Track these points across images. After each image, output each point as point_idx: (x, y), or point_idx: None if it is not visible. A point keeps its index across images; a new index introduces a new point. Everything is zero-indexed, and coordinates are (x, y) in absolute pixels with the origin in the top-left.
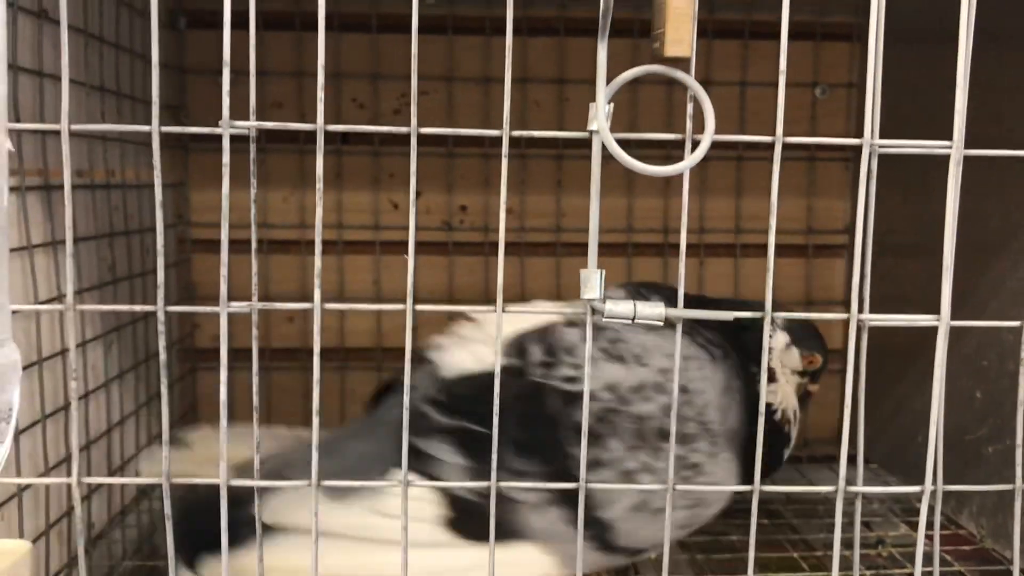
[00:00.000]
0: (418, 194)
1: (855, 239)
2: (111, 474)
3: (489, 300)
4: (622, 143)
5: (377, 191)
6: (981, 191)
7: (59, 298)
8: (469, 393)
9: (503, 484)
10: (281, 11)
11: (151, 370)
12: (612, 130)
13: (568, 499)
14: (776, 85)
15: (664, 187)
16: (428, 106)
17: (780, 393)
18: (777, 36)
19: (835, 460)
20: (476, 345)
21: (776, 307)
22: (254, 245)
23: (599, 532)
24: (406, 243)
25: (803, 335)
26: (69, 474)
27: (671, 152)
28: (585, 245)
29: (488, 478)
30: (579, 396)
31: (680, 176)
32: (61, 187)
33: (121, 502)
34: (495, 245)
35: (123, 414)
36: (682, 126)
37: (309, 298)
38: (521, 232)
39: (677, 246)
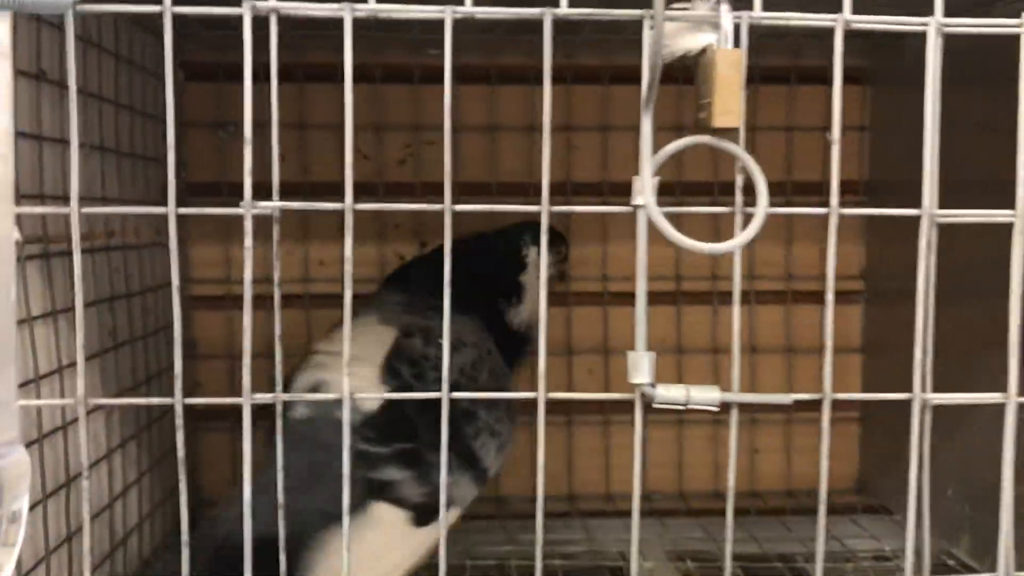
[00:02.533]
0: (423, 244)
1: (917, 312)
2: (113, 546)
3: None
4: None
5: (383, 243)
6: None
7: (59, 370)
8: (387, 421)
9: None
10: (283, 63)
11: (152, 435)
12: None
13: (469, 467)
14: (781, 129)
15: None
16: (434, 156)
17: (527, 309)
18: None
19: (855, 511)
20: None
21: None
22: (278, 330)
23: (480, 474)
24: None
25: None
26: (70, 555)
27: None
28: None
29: (429, 482)
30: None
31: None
32: (61, 254)
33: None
34: None
35: (125, 483)
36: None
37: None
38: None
39: (692, 293)
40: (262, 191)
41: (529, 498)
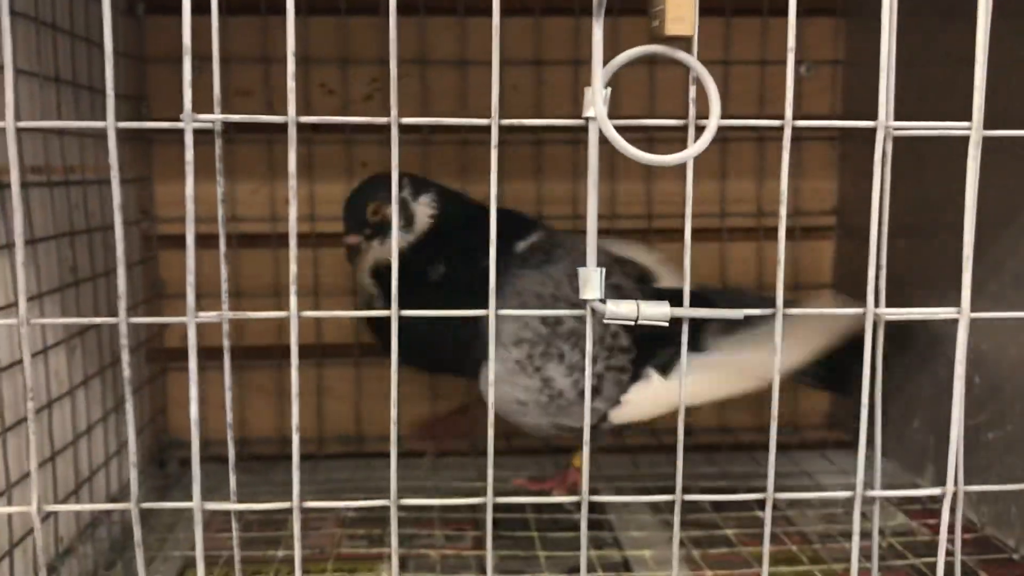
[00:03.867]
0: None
1: (872, 227)
2: (79, 485)
3: None
4: (619, 129)
5: (351, 181)
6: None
7: (14, 305)
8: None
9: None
10: None
11: (117, 374)
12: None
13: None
14: (764, 63)
15: (646, 173)
16: (402, 91)
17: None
18: (764, 12)
19: (827, 446)
20: None
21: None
22: (223, 249)
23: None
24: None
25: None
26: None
27: (653, 135)
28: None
29: None
30: None
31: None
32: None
33: (91, 514)
34: None
35: (90, 421)
36: (666, 108)
37: (282, 293)
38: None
39: (662, 231)
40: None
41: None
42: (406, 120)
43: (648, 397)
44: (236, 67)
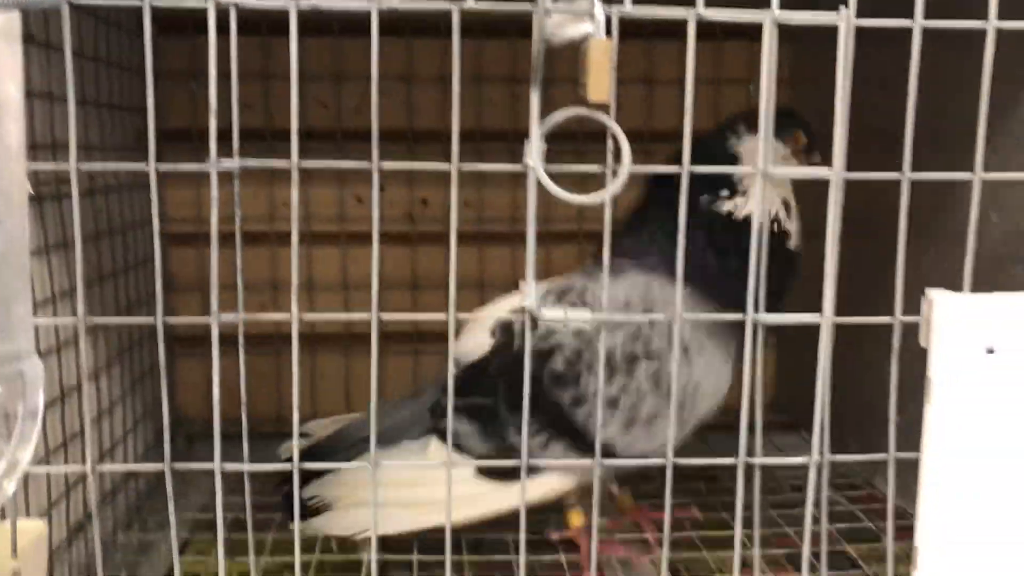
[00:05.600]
0: (381, 189)
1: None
2: (101, 458)
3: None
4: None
5: (342, 186)
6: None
7: (53, 299)
8: (470, 376)
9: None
10: (248, 17)
11: (134, 357)
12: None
13: (565, 433)
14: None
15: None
16: (387, 105)
17: (750, 202)
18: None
19: (770, 429)
20: (475, 332)
21: None
22: (239, 264)
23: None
24: (371, 234)
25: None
26: (67, 460)
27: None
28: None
29: (495, 439)
30: (553, 350)
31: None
32: (51, 198)
33: (111, 483)
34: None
35: (111, 401)
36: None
37: (279, 285)
38: (479, 223)
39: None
40: (228, 136)
41: None
42: (388, 165)
43: None
44: (238, 82)
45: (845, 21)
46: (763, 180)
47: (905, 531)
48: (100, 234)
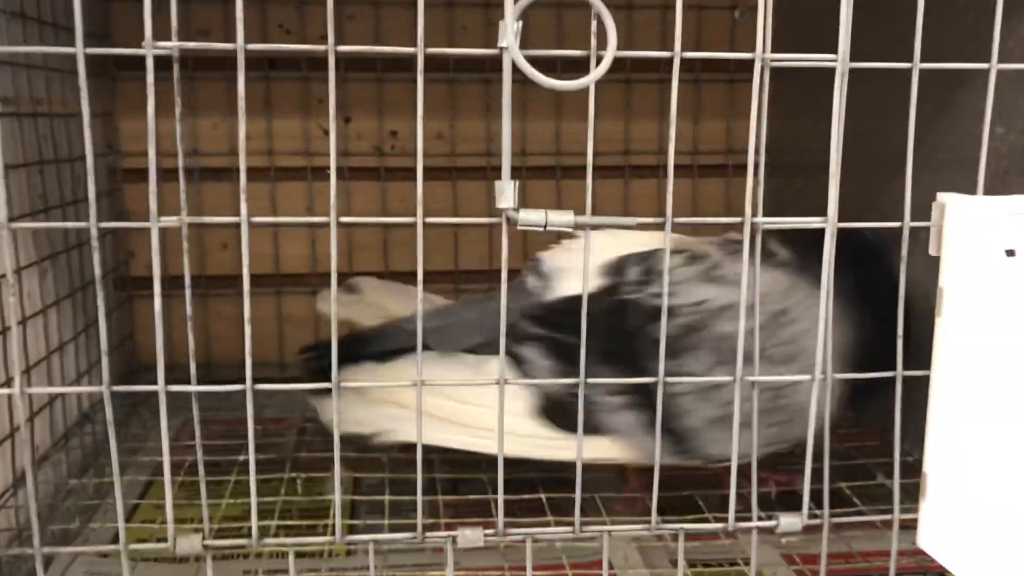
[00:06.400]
0: (347, 120)
1: (750, 154)
2: (51, 400)
3: None
4: (531, 60)
5: (307, 117)
6: (884, 108)
7: None
8: (562, 309)
9: (590, 380)
10: None
11: (88, 298)
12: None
13: (645, 405)
14: (694, 7)
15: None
16: (355, 31)
17: None
18: None
19: None
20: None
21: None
22: (180, 161)
23: (676, 440)
24: (338, 169)
25: None
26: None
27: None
28: (517, 168)
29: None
30: (668, 312)
31: (585, 96)
32: None
33: (64, 425)
34: (426, 169)
35: (61, 340)
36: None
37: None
38: (452, 157)
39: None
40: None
41: None
42: (344, 48)
43: None
44: (196, 6)
45: (840, 64)
46: None
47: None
48: (45, 162)
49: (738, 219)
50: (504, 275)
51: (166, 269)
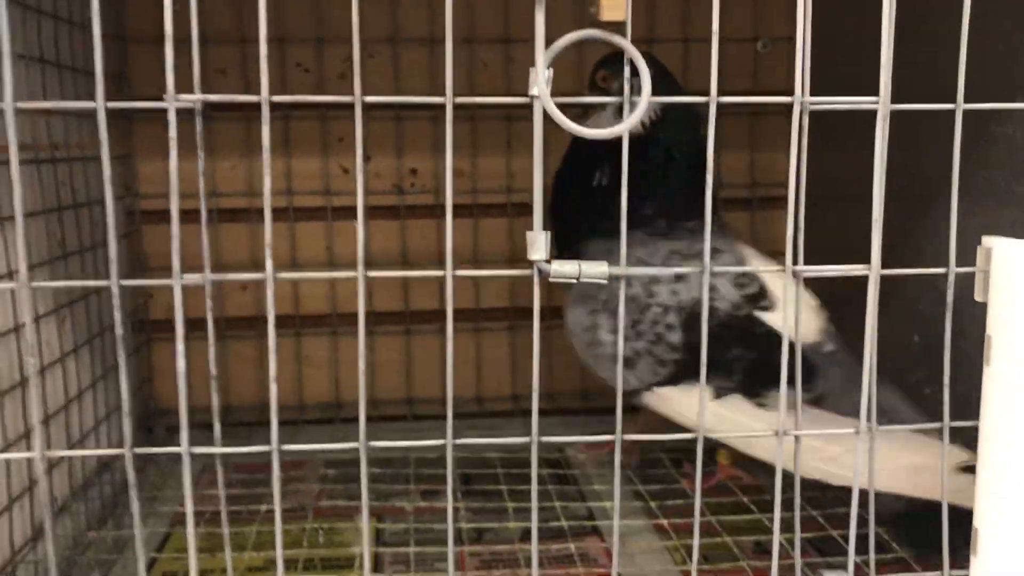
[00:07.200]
0: (367, 159)
1: (789, 193)
2: (70, 446)
3: (442, 263)
4: (562, 107)
5: (327, 156)
6: (916, 141)
7: (10, 275)
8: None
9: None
10: None
11: (106, 343)
12: (557, 92)
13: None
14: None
15: None
16: (373, 69)
17: None
18: None
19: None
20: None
21: None
22: (204, 216)
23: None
24: (357, 208)
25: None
26: (30, 449)
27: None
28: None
29: None
30: None
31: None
32: (5, 163)
33: (83, 475)
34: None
35: (80, 388)
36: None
37: (261, 266)
38: (474, 194)
39: None
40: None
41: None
42: (371, 99)
43: (671, 402)
44: (213, 47)
45: (882, 106)
46: None
47: None
48: (63, 208)
49: (780, 268)
50: (536, 326)
51: (186, 311)
